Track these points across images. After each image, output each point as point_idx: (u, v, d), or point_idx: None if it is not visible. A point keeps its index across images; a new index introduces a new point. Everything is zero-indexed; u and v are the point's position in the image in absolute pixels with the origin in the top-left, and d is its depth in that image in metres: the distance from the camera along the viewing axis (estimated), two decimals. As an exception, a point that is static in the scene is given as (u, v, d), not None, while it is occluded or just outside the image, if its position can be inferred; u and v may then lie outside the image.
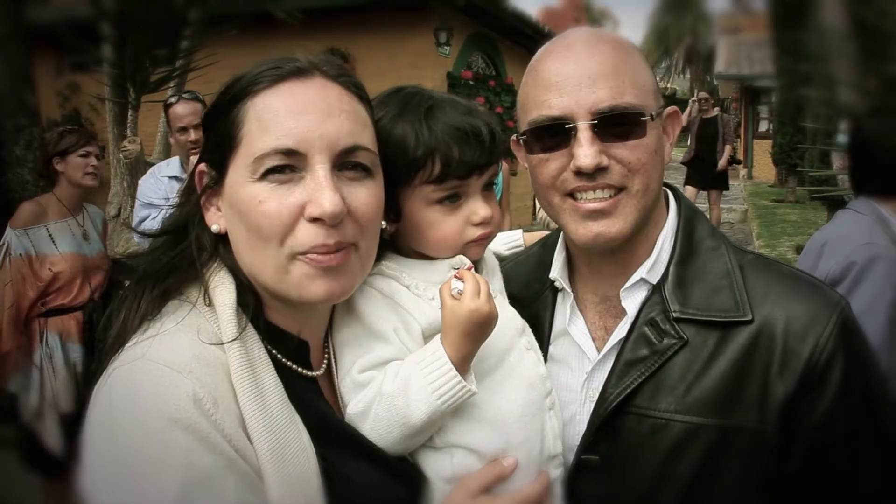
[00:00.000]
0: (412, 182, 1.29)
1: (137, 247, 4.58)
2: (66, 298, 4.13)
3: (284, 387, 1.08)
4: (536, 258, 1.56)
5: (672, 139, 1.39)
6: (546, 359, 1.41)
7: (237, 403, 1.01)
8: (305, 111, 1.10)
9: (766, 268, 1.34)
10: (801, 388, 1.20)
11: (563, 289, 1.45)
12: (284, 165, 1.09)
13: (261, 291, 1.16)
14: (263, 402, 1.02)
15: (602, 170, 1.26)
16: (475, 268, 1.40)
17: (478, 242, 1.34)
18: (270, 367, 1.08)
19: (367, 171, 1.17)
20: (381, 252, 1.30)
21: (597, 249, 1.34)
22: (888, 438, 1.24)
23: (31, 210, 4.13)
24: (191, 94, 4.48)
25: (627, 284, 1.36)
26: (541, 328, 1.44)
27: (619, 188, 1.28)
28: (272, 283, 1.13)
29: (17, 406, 4.10)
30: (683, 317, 1.29)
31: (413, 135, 1.27)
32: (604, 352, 1.36)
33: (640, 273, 1.35)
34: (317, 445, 1.07)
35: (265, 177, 1.09)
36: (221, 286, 1.12)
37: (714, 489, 1.23)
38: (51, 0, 9.82)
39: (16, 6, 6.77)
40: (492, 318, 1.20)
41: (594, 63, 1.26)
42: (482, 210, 1.32)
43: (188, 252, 1.17)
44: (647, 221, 1.35)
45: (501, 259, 1.61)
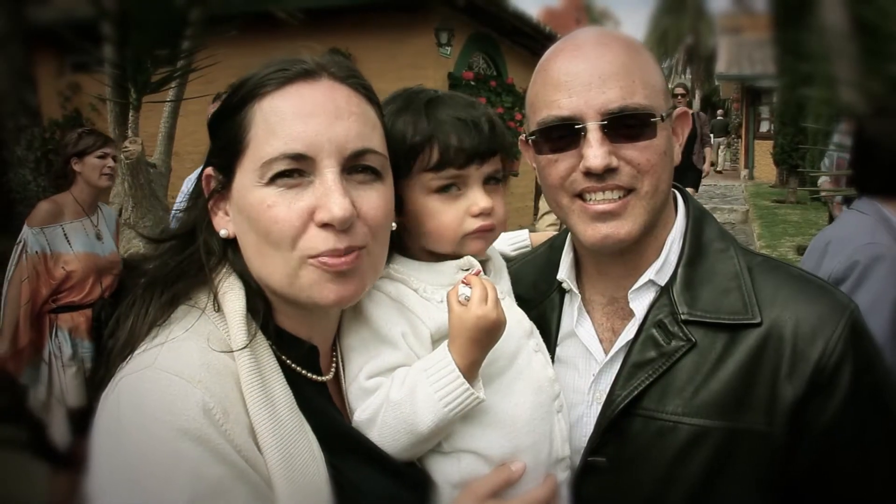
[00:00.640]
0: (412, 171, 1.29)
1: (139, 247, 4.62)
2: (78, 296, 4.23)
3: (294, 392, 1.07)
4: (544, 259, 1.56)
5: (681, 140, 1.39)
6: (553, 360, 1.41)
7: (247, 412, 1.00)
8: (313, 114, 1.09)
9: (776, 270, 1.33)
10: (810, 391, 1.19)
11: (571, 290, 1.45)
12: (293, 170, 1.07)
13: (270, 296, 1.15)
14: (273, 411, 1.02)
15: (611, 171, 1.25)
16: (483, 269, 1.39)
17: (478, 235, 1.32)
18: (280, 375, 1.07)
19: (377, 174, 1.16)
20: (389, 254, 1.29)
21: (605, 251, 1.33)
22: (896, 441, 1.24)
23: (48, 209, 4.21)
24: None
25: (636, 286, 1.35)
26: (548, 329, 1.44)
27: (629, 189, 1.27)
28: (282, 288, 1.12)
29: (27, 399, 4.20)
30: (692, 319, 1.28)
31: (412, 124, 1.29)
32: (611, 353, 1.36)
33: (649, 275, 1.35)
34: (326, 452, 1.07)
35: (273, 181, 1.08)
36: (231, 292, 1.11)
37: (721, 491, 1.23)
38: (52, 0, 9.81)
39: (17, 6, 6.77)
40: (499, 325, 1.20)
41: (604, 63, 1.26)
42: (481, 201, 1.30)
43: (196, 257, 1.16)
44: (656, 223, 1.35)
45: (508, 260, 1.60)
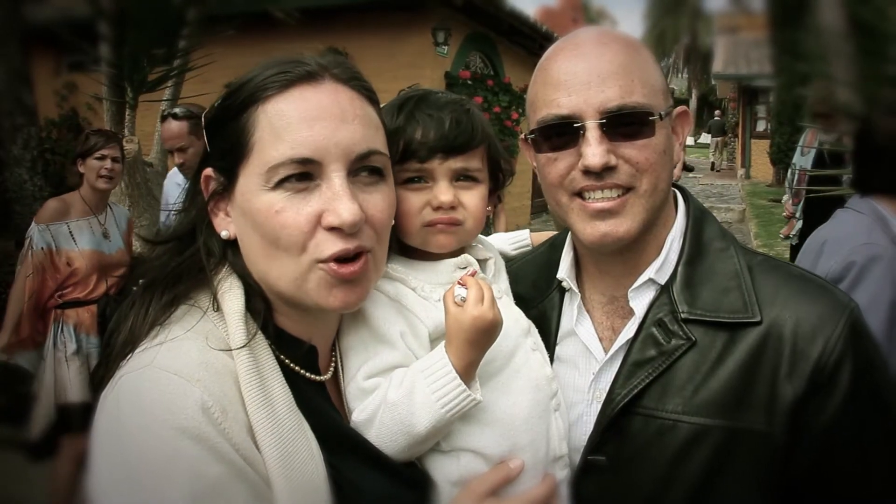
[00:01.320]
0: None
1: (137, 247, 4.65)
2: (83, 292, 4.28)
3: (292, 392, 1.07)
4: (544, 258, 1.56)
5: (682, 139, 1.39)
6: (553, 359, 1.41)
7: (245, 411, 1.00)
8: (319, 118, 1.09)
9: (776, 269, 1.34)
10: (810, 390, 1.19)
11: (571, 289, 1.45)
12: (300, 174, 1.07)
13: (270, 296, 1.15)
14: (272, 410, 1.02)
15: (610, 169, 1.25)
16: (482, 268, 1.40)
17: (441, 229, 1.33)
18: (279, 374, 1.07)
19: (381, 175, 1.16)
20: (388, 254, 1.29)
21: (604, 249, 1.33)
22: (896, 440, 1.24)
23: (55, 207, 4.28)
24: (182, 111, 4.47)
25: (635, 285, 1.35)
26: (548, 328, 1.44)
27: (627, 188, 1.27)
28: (289, 291, 1.12)
29: (29, 392, 4.28)
30: (691, 317, 1.28)
31: (389, 118, 1.32)
32: (611, 352, 1.36)
33: (649, 273, 1.35)
34: (325, 451, 1.07)
35: (280, 185, 1.07)
36: (230, 292, 1.11)
37: (721, 490, 1.23)
38: (48, -1, 9.79)
39: (14, 5, 6.76)
40: (496, 325, 1.20)
41: (603, 62, 1.26)
42: (442, 195, 1.31)
43: (196, 258, 1.16)
44: (656, 222, 1.35)
45: (509, 259, 1.60)
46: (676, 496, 1.24)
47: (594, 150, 1.23)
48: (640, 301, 1.35)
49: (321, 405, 1.17)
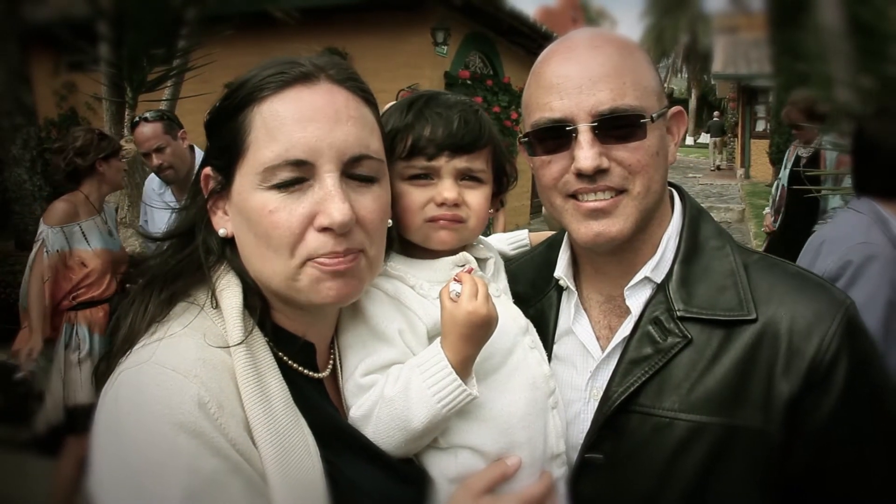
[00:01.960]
0: (391, 159, 1.31)
1: (135, 246, 4.67)
2: (97, 292, 4.30)
3: (290, 389, 1.08)
4: (542, 258, 1.57)
5: (677, 139, 1.39)
6: (551, 357, 1.42)
7: (242, 407, 1.01)
8: (313, 119, 1.09)
9: (772, 267, 1.34)
10: (806, 387, 1.20)
11: (568, 288, 1.45)
12: (293, 174, 1.08)
13: (268, 294, 1.16)
14: (268, 406, 1.03)
15: (602, 172, 1.27)
16: (481, 267, 1.40)
17: (443, 226, 1.34)
18: (276, 370, 1.08)
19: (375, 177, 1.17)
20: (386, 253, 1.30)
21: (598, 248, 1.34)
22: (892, 437, 1.24)
23: (65, 208, 4.26)
24: (152, 114, 4.53)
25: (631, 283, 1.36)
26: (546, 327, 1.45)
27: (620, 190, 1.28)
28: (281, 289, 1.13)
29: (28, 392, 4.27)
30: (688, 315, 1.29)
31: (398, 116, 1.35)
32: (608, 350, 1.37)
33: (645, 272, 1.35)
34: (322, 448, 1.07)
35: (274, 185, 1.09)
36: (228, 289, 1.12)
37: (718, 488, 1.23)
38: (48, -1, 9.79)
39: (13, 5, 6.76)
40: (489, 320, 1.20)
41: (595, 65, 1.27)
42: (446, 192, 1.33)
43: (195, 255, 1.17)
44: (650, 221, 1.36)
45: (508, 259, 1.61)
46: (673, 494, 1.24)
47: (586, 154, 1.25)
48: (637, 299, 1.36)
49: (318, 402, 1.18)
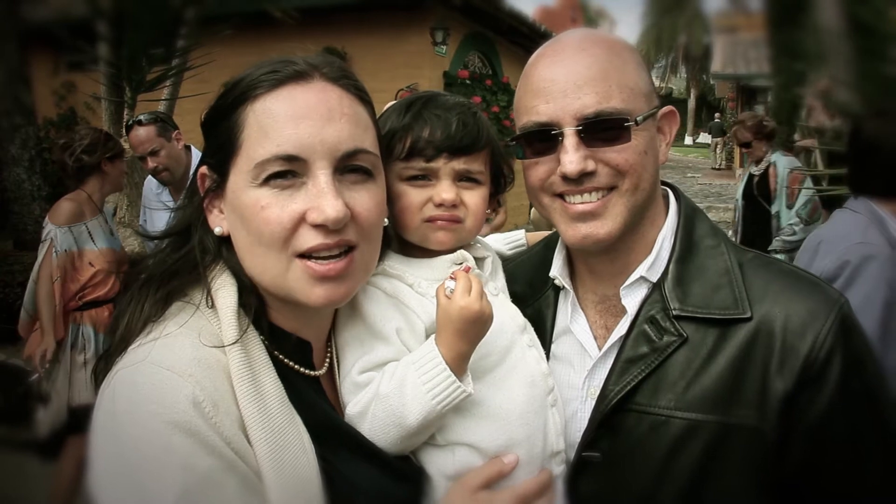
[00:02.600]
0: (389, 159, 1.32)
1: (134, 246, 4.67)
2: (102, 291, 4.29)
3: (286, 387, 1.08)
4: (539, 257, 1.57)
5: (669, 139, 1.40)
6: (549, 356, 1.42)
7: (237, 405, 1.02)
8: (306, 116, 1.10)
9: (766, 266, 1.35)
10: (800, 385, 1.20)
11: (564, 287, 1.46)
12: (286, 171, 1.09)
13: (263, 292, 1.17)
14: (263, 404, 1.03)
15: (589, 174, 1.28)
16: (479, 266, 1.41)
17: (441, 226, 1.35)
18: (271, 369, 1.09)
19: (369, 174, 1.17)
20: (384, 252, 1.31)
21: (588, 250, 1.35)
22: (887, 435, 1.25)
23: (72, 208, 4.23)
24: (146, 116, 4.52)
25: (627, 283, 1.37)
26: (543, 326, 1.45)
27: (609, 188, 1.29)
28: (273, 286, 1.14)
29: (28, 392, 4.25)
30: (683, 314, 1.29)
31: (397, 116, 1.35)
32: (604, 349, 1.37)
33: (640, 271, 1.36)
34: (318, 445, 1.08)
35: (266, 182, 1.09)
36: (223, 288, 1.12)
37: (714, 485, 1.24)
38: (47, -1, 9.79)
39: (12, 5, 6.76)
40: (483, 316, 1.21)
41: (581, 68, 1.28)
42: (445, 193, 1.34)
43: (192, 254, 1.17)
44: (642, 221, 1.36)
45: (505, 259, 1.62)
46: (670, 491, 1.25)
47: (571, 158, 1.26)
48: (632, 299, 1.36)
49: (314, 399, 1.18)
